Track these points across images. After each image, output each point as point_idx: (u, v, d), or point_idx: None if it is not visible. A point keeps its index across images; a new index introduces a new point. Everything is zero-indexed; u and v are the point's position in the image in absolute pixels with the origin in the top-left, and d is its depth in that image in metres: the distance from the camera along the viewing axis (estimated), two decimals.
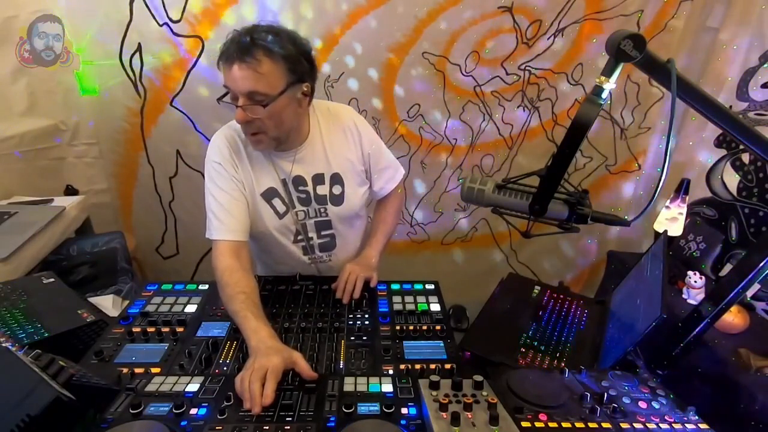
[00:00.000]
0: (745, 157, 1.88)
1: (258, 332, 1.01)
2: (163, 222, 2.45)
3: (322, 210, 1.36)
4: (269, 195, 1.30)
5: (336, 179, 1.35)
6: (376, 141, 1.42)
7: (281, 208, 1.32)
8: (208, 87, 2.13)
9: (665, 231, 1.72)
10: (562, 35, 2.14)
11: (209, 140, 2.19)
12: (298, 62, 1.15)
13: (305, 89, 1.20)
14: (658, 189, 0.82)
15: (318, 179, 1.33)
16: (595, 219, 0.93)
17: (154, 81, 2.10)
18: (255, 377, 0.88)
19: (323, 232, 1.40)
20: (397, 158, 2.38)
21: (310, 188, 1.33)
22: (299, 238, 1.38)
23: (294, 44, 1.14)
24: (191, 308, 1.23)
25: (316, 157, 1.32)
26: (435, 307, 1.27)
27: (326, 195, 1.35)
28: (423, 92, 2.22)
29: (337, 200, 1.36)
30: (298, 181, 1.32)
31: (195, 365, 1.02)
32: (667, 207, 1.84)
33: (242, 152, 1.28)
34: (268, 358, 0.92)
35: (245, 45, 1.08)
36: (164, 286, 1.33)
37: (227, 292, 1.13)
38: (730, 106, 1.90)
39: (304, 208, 1.35)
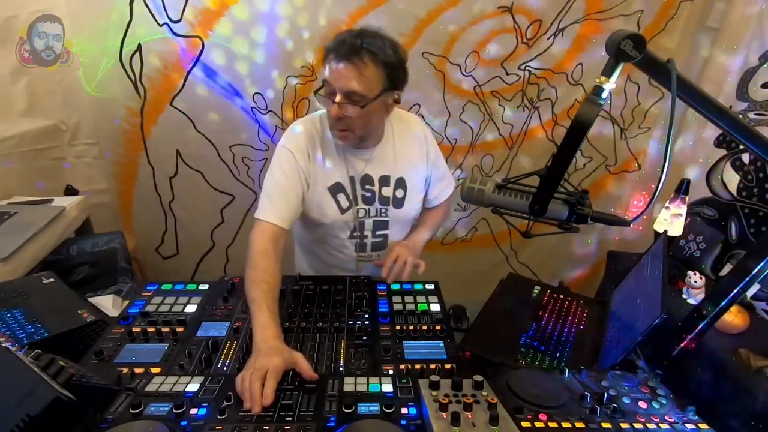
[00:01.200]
0: (745, 157, 1.88)
1: (266, 330, 1.01)
2: (163, 222, 2.45)
3: (383, 210, 1.41)
4: (335, 189, 1.35)
5: (400, 183, 1.40)
6: (438, 153, 1.51)
7: (345, 203, 1.37)
8: (208, 87, 2.13)
9: (665, 231, 1.71)
10: (562, 35, 2.14)
11: (209, 140, 2.24)
12: (396, 70, 1.21)
13: (396, 96, 1.27)
14: (658, 189, 0.82)
15: (384, 181, 1.39)
16: (595, 219, 0.93)
17: (154, 81, 2.10)
18: (255, 377, 0.88)
19: (378, 232, 1.44)
20: None
21: (376, 188, 1.38)
22: (355, 234, 1.42)
23: (395, 53, 1.20)
24: (191, 308, 1.23)
25: (386, 159, 1.38)
26: (435, 307, 1.27)
27: (389, 197, 1.40)
28: (423, 92, 2.22)
29: (399, 203, 1.42)
30: (366, 180, 1.37)
31: (195, 365, 1.02)
32: (667, 207, 1.84)
33: (317, 146, 1.33)
34: (269, 357, 0.93)
35: (355, 47, 1.14)
36: (164, 286, 1.33)
37: (253, 276, 1.13)
38: (730, 106, 1.90)
39: (366, 207, 1.39)
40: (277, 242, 1.23)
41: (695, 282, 1.67)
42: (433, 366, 1.03)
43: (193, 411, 0.85)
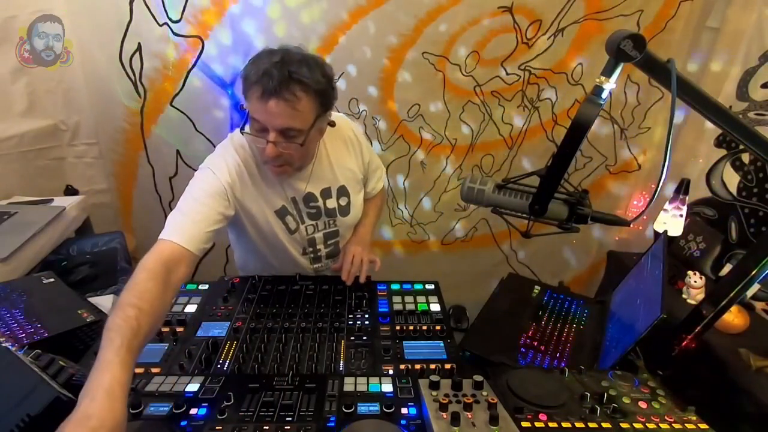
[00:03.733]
0: (745, 157, 1.88)
1: (103, 372, 0.71)
2: (163, 222, 2.44)
3: (332, 222, 1.40)
4: (282, 213, 1.30)
5: (342, 191, 1.38)
6: (369, 148, 1.48)
7: (293, 224, 1.34)
8: (208, 87, 2.13)
9: (665, 231, 1.72)
10: (562, 35, 2.14)
11: (209, 140, 2.24)
12: (328, 94, 1.13)
13: (330, 119, 1.20)
14: (658, 189, 0.82)
15: (326, 193, 1.35)
16: (595, 219, 0.93)
17: (154, 81, 2.10)
18: None
19: (330, 241, 1.43)
20: (397, 158, 2.39)
21: (320, 203, 1.35)
22: (308, 250, 1.40)
23: (323, 74, 1.11)
24: (191, 308, 1.23)
25: (324, 172, 1.34)
26: (435, 307, 1.27)
27: (335, 207, 1.38)
28: (423, 92, 2.22)
29: (345, 211, 1.40)
30: (309, 198, 1.33)
31: (195, 365, 1.02)
32: (665, 209, 1.84)
33: (254, 175, 1.24)
34: None
35: (283, 79, 1.02)
36: None
37: (123, 298, 0.86)
38: (730, 106, 1.90)
39: (314, 222, 1.37)
40: (175, 267, 0.99)
41: (695, 282, 1.67)
42: (433, 366, 1.03)
43: (193, 411, 0.86)
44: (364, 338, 1.13)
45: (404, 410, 0.87)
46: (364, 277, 1.31)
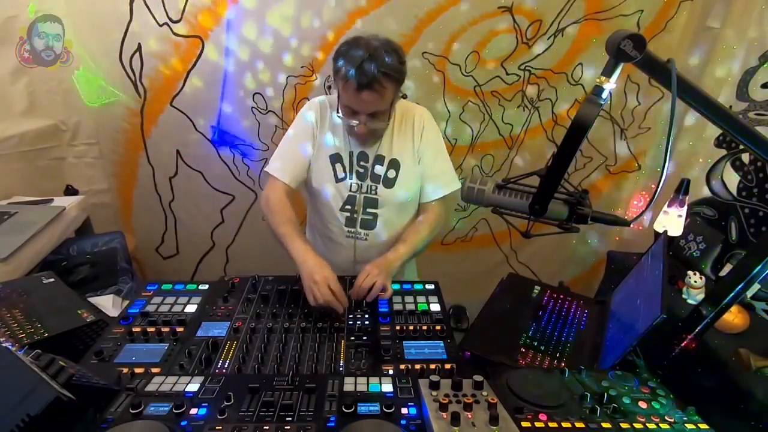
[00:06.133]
0: (745, 157, 1.88)
1: (306, 252, 1.27)
2: (163, 222, 2.45)
3: (374, 188, 1.48)
4: (335, 159, 1.46)
5: (393, 164, 1.46)
6: (435, 145, 1.50)
7: (341, 173, 1.46)
8: (208, 87, 2.13)
9: (665, 231, 1.71)
10: (562, 35, 2.14)
11: (209, 140, 2.24)
12: (403, 75, 1.30)
13: (402, 92, 1.37)
14: (658, 189, 0.82)
15: (378, 160, 1.46)
16: (595, 219, 0.93)
17: (154, 81, 2.10)
18: (325, 289, 1.17)
19: (368, 210, 1.50)
20: None
21: (369, 165, 1.46)
22: (346, 207, 1.49)
23: (400, 60, 1.27)
24: (191, 308, 1.23)
25: (384, 141, 1.45)
26: (435, 307, 1.27)
27: (381, 175, 1.47)
28: (423, 92, 2.22)
29: (390, 183, 1.47)
30: (362, 156, 1.46)
31: (195, 365, 1.02)
32: (665, 211, 1.84)
33: (327, 119, 1.46)
34: (322, 270, 1.20)
35: (373, 74, 1.20)
36: (164, 286, 1.33)
37: (277, 219, 1.36)
38: (730, 106, 1.90)
39: (359, 182, 1.47)
40: (289, 196, 1.43)
41: (695, 282, 1.67)
42: (433, 366, 1.03)
43: (193, 411, 0.85)
44: (364, 338, 1.13)
45: (404, 410, 0.87)
46: (371, 298, 1.28)
